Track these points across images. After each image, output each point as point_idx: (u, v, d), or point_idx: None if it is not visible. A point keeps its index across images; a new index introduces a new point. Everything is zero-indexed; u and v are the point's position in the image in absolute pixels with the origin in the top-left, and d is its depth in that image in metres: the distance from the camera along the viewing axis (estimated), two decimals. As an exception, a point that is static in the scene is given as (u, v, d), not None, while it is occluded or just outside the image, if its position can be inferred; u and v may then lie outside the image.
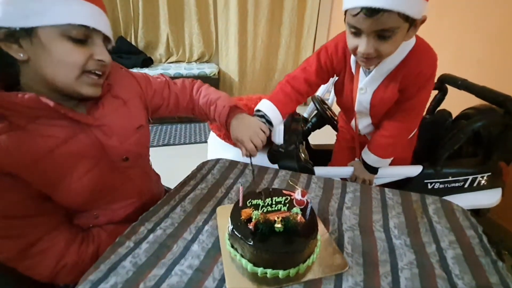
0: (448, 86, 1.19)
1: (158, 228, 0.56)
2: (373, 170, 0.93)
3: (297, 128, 1.11)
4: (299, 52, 3.08)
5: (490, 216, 1.13)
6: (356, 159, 1.01)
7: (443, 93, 1.25)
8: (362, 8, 0.59)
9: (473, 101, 1.05)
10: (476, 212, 1.02)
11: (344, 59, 0.85)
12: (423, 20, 0.64)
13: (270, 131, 0.83)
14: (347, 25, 0.67)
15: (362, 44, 0.66)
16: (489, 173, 0.93)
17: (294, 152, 1.00)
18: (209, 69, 2.73)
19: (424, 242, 0.55)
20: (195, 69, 2.70)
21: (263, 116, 0.81)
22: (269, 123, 0.81)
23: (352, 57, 0.82)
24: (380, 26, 0.61)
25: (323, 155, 1.35)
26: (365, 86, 0.82)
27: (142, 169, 0.69)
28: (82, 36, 0.47)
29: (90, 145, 0.54)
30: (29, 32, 0.44)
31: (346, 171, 0.97)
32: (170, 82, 0.78)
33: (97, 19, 0.48)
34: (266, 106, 0.84)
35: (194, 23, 2.78)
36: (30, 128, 0.47)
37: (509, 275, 0.48)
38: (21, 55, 0.45)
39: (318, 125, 1.23)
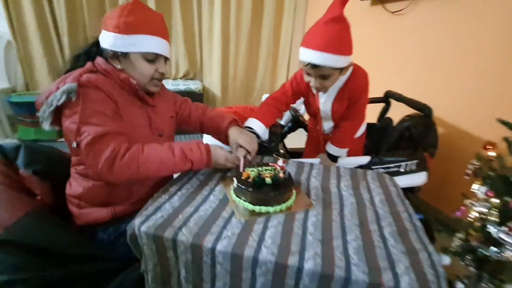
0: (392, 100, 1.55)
1: (183, 188, 0.80)
2: (334, 159, 1.22)
3: (276, 131, 1.41)
4: (275, 73, 3.46)
5: (419, 195, 1.46)
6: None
7: (387, 105, 1.62)
8: (309, 63, 0.94)
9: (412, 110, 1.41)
10: (411, 191, 1.34)
11: (307, 86, 1.17)
12: (351, 64, 1.01)
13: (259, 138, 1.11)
14: (303, 68, 1.01)
15: (312, 82, 1.01)
16: (417, 160, 1.26)
17: (274, 148, 1.28)
18: (194, 85, 2.99)
19: (361, 193, 0.83)
20: (181, 85, 2.95)
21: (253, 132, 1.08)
22: (257, 136, 1.08)
23: None
24: (320, 73, 0.96)
25: (297, 155, 1.64)
26: (326, 101, 1.15)
27: None
28: (153, 58, 0.80)
29: (145, 117, 0.85)
30: (124, 55, 0.79)
31: (315, 161, 1.26)
32: (189, 100, 1.09)
33: (163, 48, 0.81)
34: (255, 124, 1.11)
35: (180, 45, 3.06)
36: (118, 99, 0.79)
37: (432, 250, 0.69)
38: (119, 66, 0.81)
39: (293, 128, 1.53)
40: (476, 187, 1.01)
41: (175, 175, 0.89)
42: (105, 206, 0.82)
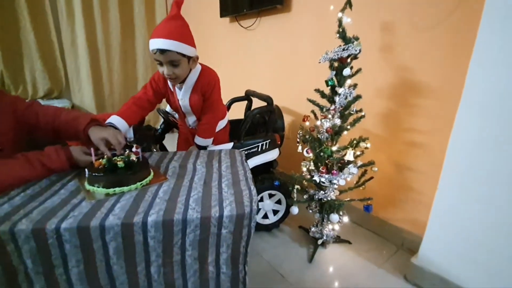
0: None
1: (27, 190, 0.77)
2: (203, 148, 1.39)
3: (149, 134, 1.48)
4: (157, 85, 3.46)
5: (278, 169, 1.82)
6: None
7: (249, 102, 1.92)
8: (157, 50, 1.06)
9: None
10: (271, 166, 1.65)
11: (165, 84, 1.31)
12: (197, 57, 1.17)
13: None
14: (154, 59, 1.12)
15: (164, 70, 1.13)
16: (269, 140, 1.58)
17: (146, 147, 1.35)
18: (61, 104, 2.68)
19: (212, 164, 1.01)
20: (43, 105, 2.58)
21: (113, 127, 1.12)
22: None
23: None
24: (169, 58, 1.09)
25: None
26: (183, 97, 1.30)
27: None
28: None
29: None
30: None
31: (186, 153, 1.39)
32: (36, 103, 1.00)
33: None
34: (116, 120, 1.16)
35: (36, 60, 2.69)
36: None
37: (253, 188, 0.95)
38: None
39: (166, 129, 1.63)
40: (300, 149, 1.36)
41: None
42: None
